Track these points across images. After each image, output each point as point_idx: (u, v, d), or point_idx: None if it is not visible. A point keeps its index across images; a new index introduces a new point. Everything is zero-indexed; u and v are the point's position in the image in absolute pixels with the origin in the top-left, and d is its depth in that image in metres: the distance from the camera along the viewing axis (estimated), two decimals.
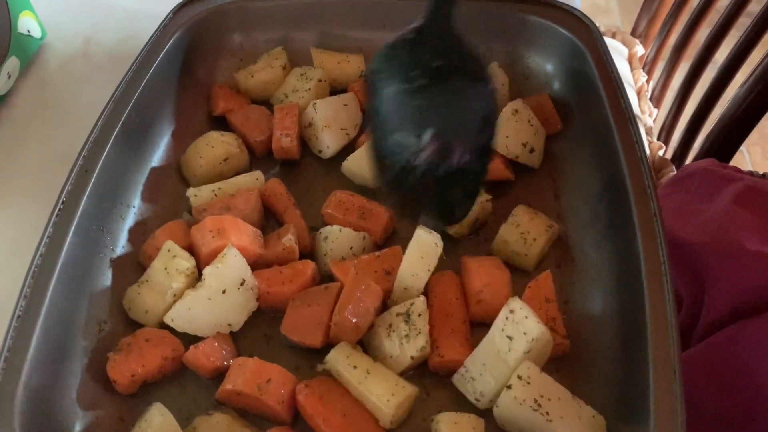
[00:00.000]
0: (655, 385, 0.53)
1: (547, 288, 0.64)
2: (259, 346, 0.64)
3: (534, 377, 0.57)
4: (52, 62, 0.90)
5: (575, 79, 0.76)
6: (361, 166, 0.72)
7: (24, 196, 0.78)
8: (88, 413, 0.59)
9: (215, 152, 0.74)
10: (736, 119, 0.92)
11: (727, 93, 1.00)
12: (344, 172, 0.74)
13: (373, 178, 0.70)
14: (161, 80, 0.75)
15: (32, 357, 0.56)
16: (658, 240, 0.59)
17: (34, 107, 0.86)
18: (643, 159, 0.64)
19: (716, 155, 0.95)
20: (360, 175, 0.73)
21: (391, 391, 0.58)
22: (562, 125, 0.76)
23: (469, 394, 0.59)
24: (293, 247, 0.66)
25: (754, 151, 1.90)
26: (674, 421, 0.51)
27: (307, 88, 0.78)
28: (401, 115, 0.60)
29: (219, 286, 0.62)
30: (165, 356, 0.61)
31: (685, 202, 0.74)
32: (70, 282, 0.61)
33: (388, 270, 0.65)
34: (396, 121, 0.60)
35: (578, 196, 0.71)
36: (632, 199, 0.62)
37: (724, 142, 0.96)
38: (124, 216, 0.69)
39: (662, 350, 0.54)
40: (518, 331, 0.58)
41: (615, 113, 0.68)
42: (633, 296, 0.58)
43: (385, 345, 0.61)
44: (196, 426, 0.58)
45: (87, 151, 0.66)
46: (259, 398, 0.57)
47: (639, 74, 1.14)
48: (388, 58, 0.61)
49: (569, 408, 0.56)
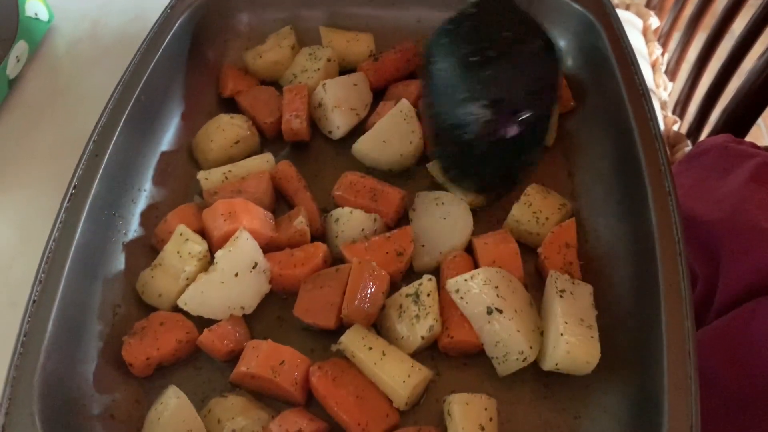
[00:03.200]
0: (669, 364, 0.53)
1: (569, 234, 0.65)
2: (273, 329, 0.64)
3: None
4: (60, 45, 0.90)
5: (588, 55, 0.75)
6: (372, 148, 0.72)
7: (36, 181, 0.79)
8: (104, 396, 0.60)
9: (226, 135, 0.73)
10: (753, 92, 0.90)
11: (744, 65, 0.98)
12: (354, 154, 0.73)
13: (430, 154, 0.71)
14: (169, 62, 0.75)
15: (49, 341, 0.56)
16: (672, 218, 0.59)
17: (43, 91, 0.86)
18: (658, 136, 0.63)
19: (733, 129, 0.94)
20: (371, 157, 0.72)
21: (407, 373, 0.58)
22: (575, 102, 0.74)
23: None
24: (305, 229, 0.66)
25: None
26: (688, 398, 0.51)
27: (317, 68, 0.77)
28: (472, 86, 0.60)
29: (231, 270, 0.62)
30: (179, 339, 0.61)
31: (701, 179, 0.73)
32: (84, 266, 0.61)
33: (400, 251, 0.65)
34: (465, 93, 0.60)
35: (592, 173, 0.70)
36: (646, 177, 0.61)
37: (741, 116, 0.94)
38: (135, 200, 0.70)
39: (677, 329, 0.54)
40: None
41: (629, 89, 0.66)
42: (647, 275, 0.58)
43: (396, 326, 0.61)
44: (212, 408, 0.59)
45: (97, 135, 0.66)
46: (273, 380, 0.58)
47: (654, 47, 1.12)
48: (451, 32, 0.62)
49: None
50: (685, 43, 1.10)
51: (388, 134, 0.71)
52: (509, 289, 0.60)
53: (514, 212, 0.68)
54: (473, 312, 0.60)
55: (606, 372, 0.58)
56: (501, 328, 0.59)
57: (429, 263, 0.66)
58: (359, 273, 0.61)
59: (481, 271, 0.61)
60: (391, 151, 0.71)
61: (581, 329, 0.57)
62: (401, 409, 0.58)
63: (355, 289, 0.60)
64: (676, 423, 0.51)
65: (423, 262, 0.66)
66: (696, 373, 0.52)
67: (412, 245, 0.65)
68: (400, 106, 0.72)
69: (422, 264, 0.66)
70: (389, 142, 0.71)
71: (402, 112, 0.71)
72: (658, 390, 0.53)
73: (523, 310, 0.60)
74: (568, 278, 0.61)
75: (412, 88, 0.76)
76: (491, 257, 0.64)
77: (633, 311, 0.60)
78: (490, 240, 0.65)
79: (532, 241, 0.67)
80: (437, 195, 0.69)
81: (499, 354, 0.59)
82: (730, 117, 0.95)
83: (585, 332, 0.57)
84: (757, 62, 0.89)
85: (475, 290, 0.60)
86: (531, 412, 0.59)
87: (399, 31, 0.81)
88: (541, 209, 0.67)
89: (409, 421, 0.59)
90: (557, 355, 0.57)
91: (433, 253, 0.66)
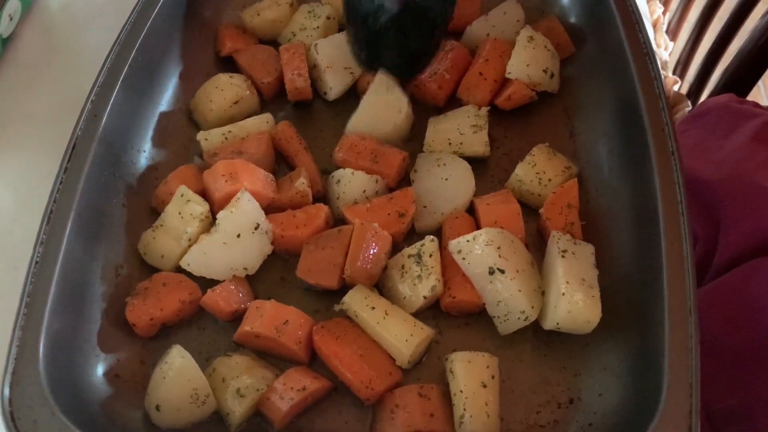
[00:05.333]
0: (670, 323, 0.53)
1: (571, 195, 0.65)
2: (276, 289, 0.65)
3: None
4: (53, 3, 0.88)
5: (593, 12, 0.74)
6: (366, 124, 0.70)
7: (35, 141, 0.78)
8: (109, 356, 0.60)
9: (225, 95, 0.72)
10: (755, 52, 0.89)
11: (746, 25, 0.96)
12: (350, 133, 0.71)
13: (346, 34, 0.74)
14: (166, 20, 0.74)
15: (52, 302, 0.56)
16: (675, 178, 0.59)
17: (38, 50, 0.85)
18: (662, 96, 0.63)
19: (733, 89, 0.93)
20: (367, 132, 0.70)
21: (409, 332, 0.59)
22: (576, 49, 0.74)
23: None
24: (306, 191, 0.66)
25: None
26: (688, 356, 0.52)
27: (315, 26, 0.76)
28: None
29: (233, 231, 0.62)
30: (182, 300, 0.62)
31: (702, 139, 0.73)
32: (86, 227, 0.61)
33: (402, 212, 0.65)
34: None
35: (594, 133, 0.70)
36: (650, 137, 0.61)
37: (742, 77, 0.94)
38: (135, 161, 0.69)
39: (678, 289, 0.55)
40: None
41: (633, 49, 0.66)
42: (649, 234, 0.58)
43: (398, 286, 0.62)
44: (216, 367, 0.59)
45: (95, 95, 0.66)
46: (277, 340, 0.58)
47: (655, 6, 1.10)
48: None
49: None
50: (687, 3, 1.09)
51: (376, 108, 0.71)
52: (511, 249, 0.60)
53: (518, 171, 0.67)
54: (475, 272, 0.60)
55: (606, 331, 0.59)
56: (503, 287, 0.59)
57: (431, 224, 0.66)
58: (361, 234, 0.61)
59: (483, 232, 0.61)
60: (384, 122, 0.70)
61: (583, 289, 0.58)
62: (404, 368, 0.59)
63: (358, 250, 0.61)
64: (676, 380, 0.52)
65: (425, 223, 0.66)
66: (697, 332, 0.53)
67: (413, 206, 0.65)
68: (377, 79, 0.71)
69: (424, 225, 0.66)
70: (379, 115, 0.70)
71: (382, 85, 0.71)
72: (659, 348, 0.53)
73: (524, 270, 0.60)
74: (569, 238, 0.62)
75: None
76: (493, 218, 0.64)
77: (634, 271, 0.60)
78: (492, 200, 0.65)
79: (534, 201, 0.67)
80: (439, 156, 0.69)
81: (501, 313, 0.60)
82: (730, 78, 0.94)
83: (586, 292, 0.58)
84: (759, 22, 0.88)
85: (478, 251, 0.60)
86: (531, 370, 0.60)
87: None
88: (545, 170, 0.67)
89: (412, 379, 0.60)
90: (558, 314, 0.58)
91: (435, 214, 0.66)
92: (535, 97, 0.72)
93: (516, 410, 0.59)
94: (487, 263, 0.59)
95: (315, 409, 0.59)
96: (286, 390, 0.57)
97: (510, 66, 0.71)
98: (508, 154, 0.71)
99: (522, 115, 0.73)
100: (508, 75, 0.71)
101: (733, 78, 0.94)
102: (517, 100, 0.71)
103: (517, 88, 0.70)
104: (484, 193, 0.67)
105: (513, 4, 0.76)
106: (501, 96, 0.72)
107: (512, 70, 0.71)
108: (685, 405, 0.51)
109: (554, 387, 0.59)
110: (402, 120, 0.70)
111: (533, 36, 0.72)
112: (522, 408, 0.59)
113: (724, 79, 0.96)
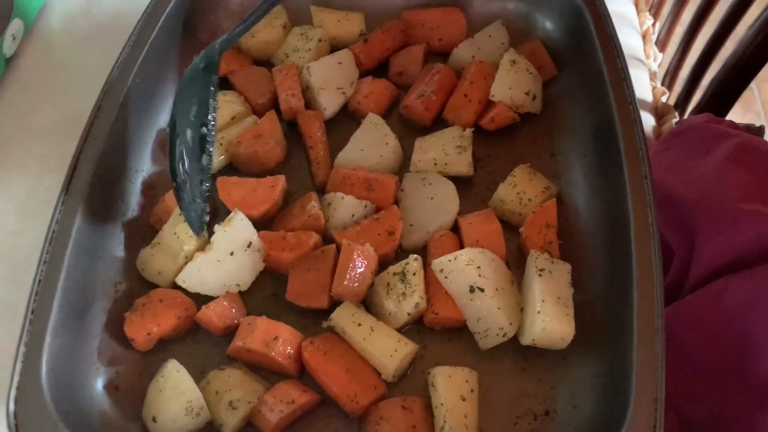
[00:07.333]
0: (638, 341, 0.56)
1: (550, 215, 0.68)
2: (267, 305, 0.68)
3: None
4: (54, 23, 0.91)
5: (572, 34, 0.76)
6: (353, 159, 0.73)
7: (37, 158, 0.80)
8: (108, 369, 0.63)
9: (221, 113, 0.75)
10: (742, 62, 0.91)
11: (734, 34, 0.98)
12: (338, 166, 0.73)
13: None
14: (164, 42, 0.76)
15: (54, 319, 0.59)
16: (647, 202, 0.61)
17: (40, 69, 0.87)
18: (637, 120, 0.65)
19: (721, 99, 0.95)
20: (354, 165, 0.73)
21: (394, 347, 0.62)
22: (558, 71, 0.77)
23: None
24: (318, 213, 0.68)
25: (764, 88, 1.88)
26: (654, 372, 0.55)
27: (308, 48, 0.79)
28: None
29: (227, 249, 0.65)
30: (178, 315, 0.65)
31: (680, 158, 0.75)
32: (86, 246, 0.64)
33: (390, 230, 0.68)
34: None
35: (574, 154, 0.73)
36: (624, 161, 0.63)
37: (729, 86, 0.96)
38: (134, 180, 0.72)
39: (647, 308, 0.57)
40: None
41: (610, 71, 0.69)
42: (621, 255, 0.61)
43: (384, 303, 0.65)
44: (210, 380, 0.62)
45: (95, 117, 0.68)
46: (268, 355, 0.61)
47: (645, 17, 1.12)
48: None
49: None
50: (676, 14, 1.11)
51: (363, 143, 0.73)
52: (491, 268, 0.63)
53: (500, 191, 0.70)
54: (456, 290, 0.63)
55: (582, 346, 0.62)
56: (482, 305, 0.62)
57: (417, 242, 0.69)
58: (349, 253, 0.64)
59: (464, 252, 0.64)
60: (371, 156, 0.73)
61: (557, 308, 0.61)
62: (389, 381, 0.62)
63: (345, 269, 0.64)
64: (643, 395, 0.54)
65: (411, 240, 0.69)
66: (663, 349, 0.55)
67: (401, 222, 0.68)
68: (368, 118, 0.74)
69: (411, 242, 0.69)
70: (366, 150, 0.73)
71: (371, 123, 0.74)
72: (628, 364, 0.56)
73: (504, 288, 0.63)
74: (547, 257, 0.64)
75: (414, 53, 0.79)
76: (475, 236, 0.67)
77: (608, 289, 0.63)
78: (474, 220, 0.68)
79: (515, 220, 0.70)
80: (424, 176, 0.71)
81: (481, 329, 0.63)
82: (718, 87, 0.96)
83: (561, 310, 0.61)
84: (746, 32, 0.89)
85: (459, 270, 0.63)
86: (510, 383, 0.63)
87: (389, 10, 0.83)
88: (525, 190, 0.70)
89: (397, 392, 0.63)
90: (534, 331, 0.60)
91: (421, 232, 0.69)
92: (518, 118, 0.74)
93: (495, 422, 0.62)
94: (468, 282, 0.62)
95: (304, 421, 0.62)
96: (276, 402, 0.60)
97: (494, 89, 0.73)
98: (491, 174, 0.74)
99: (505, 135, 0.76)
100: (491, 97, 0.73)
101: (721, 87, 0.96)
102: (500, 121, 0.74)
103: (500, 110, 0.73)
104: (469, 212, 0.70)
105: (498, 27, 0.79)
106: (485, 117, 0.74)
107: (496, 93, 0.73)
108: (650, 419, 0.54)
109: (531, 399, 0.62)
110: (388, 152, 0.73)
111: (516, 60, 0.74)
112: (500, 420, 0.62)
113: (712, 88, 0.97)
